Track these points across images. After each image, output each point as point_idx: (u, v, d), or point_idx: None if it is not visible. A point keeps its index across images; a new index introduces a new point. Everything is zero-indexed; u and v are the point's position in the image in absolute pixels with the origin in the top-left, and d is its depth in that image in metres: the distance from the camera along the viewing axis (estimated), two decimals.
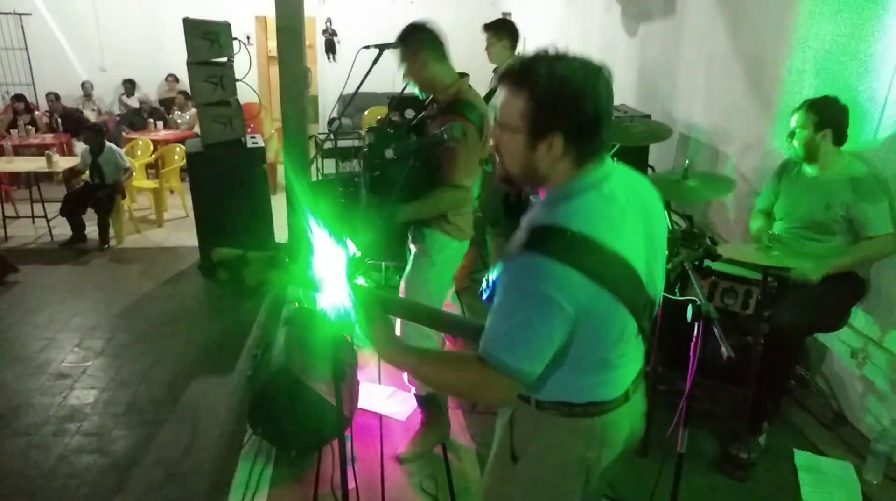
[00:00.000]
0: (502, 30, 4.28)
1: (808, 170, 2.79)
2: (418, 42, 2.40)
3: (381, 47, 3.02)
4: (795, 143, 2.71)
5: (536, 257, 1.16)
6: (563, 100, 1.17)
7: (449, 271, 2.60)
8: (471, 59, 3.86)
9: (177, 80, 9.58)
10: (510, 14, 10.08)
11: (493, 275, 1.28)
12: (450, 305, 3.66)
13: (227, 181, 4.94)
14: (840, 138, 2.67)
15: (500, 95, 1.25)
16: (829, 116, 2.64)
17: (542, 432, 1.36)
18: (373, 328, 1.35)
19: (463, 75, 2.51)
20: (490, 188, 4.10)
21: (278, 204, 5.39)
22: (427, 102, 2.59)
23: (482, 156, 2.53)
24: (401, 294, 2.61)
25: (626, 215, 1.26)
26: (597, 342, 1.27)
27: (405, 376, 2.68)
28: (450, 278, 2.66)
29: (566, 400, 1.33)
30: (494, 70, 4.43)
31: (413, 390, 2.75)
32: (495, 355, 1.20)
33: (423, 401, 2.77)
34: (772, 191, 2.98)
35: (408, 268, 2.62)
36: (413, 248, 2.61)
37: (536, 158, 1.22)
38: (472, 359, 1.24)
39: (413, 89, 2.52)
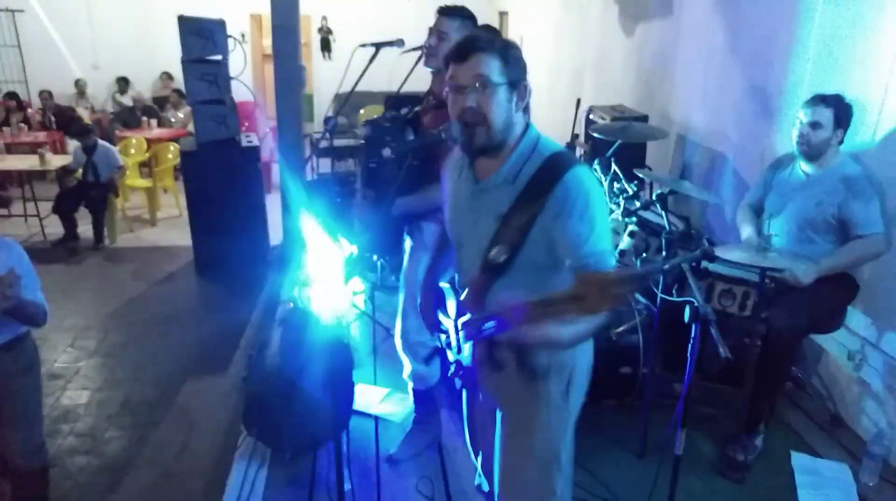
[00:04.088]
0: None
1: (804, 167, 2.77)
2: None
3: (378, 45, 3.00)
4: (812, 138, 2.62)
5: (579, 167, 1.46)
6: (518, 54, 1.51)
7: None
8: None
9: (171, 78, 9.54)
10: (506, 13, 10.07)
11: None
12: None
13: (222, 180, 4.91)
14: (843, 139, 2.66)
15: (477, 64, 1.45)
16: (843, 115, 2.61)
17: (578, 363, 1.64)
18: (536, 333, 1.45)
19: None
20: None
21: (273, 203, 5.36)
22: (425, 95, 2.57)
23: None
24: (402, 289, 2.58)
25: None
26: None
27: (405, 372, 2.66)
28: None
29: None
30: None
31: (411, 385, 2.72)
32: (606, 265, 1.43)
33: (419, 396, 2.74)
34: (763, 184, 2.96)
35: (405, 263, 2.60)
36: (410, 242, 2.59)
37: (513, 106, 1.50)
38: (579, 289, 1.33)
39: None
